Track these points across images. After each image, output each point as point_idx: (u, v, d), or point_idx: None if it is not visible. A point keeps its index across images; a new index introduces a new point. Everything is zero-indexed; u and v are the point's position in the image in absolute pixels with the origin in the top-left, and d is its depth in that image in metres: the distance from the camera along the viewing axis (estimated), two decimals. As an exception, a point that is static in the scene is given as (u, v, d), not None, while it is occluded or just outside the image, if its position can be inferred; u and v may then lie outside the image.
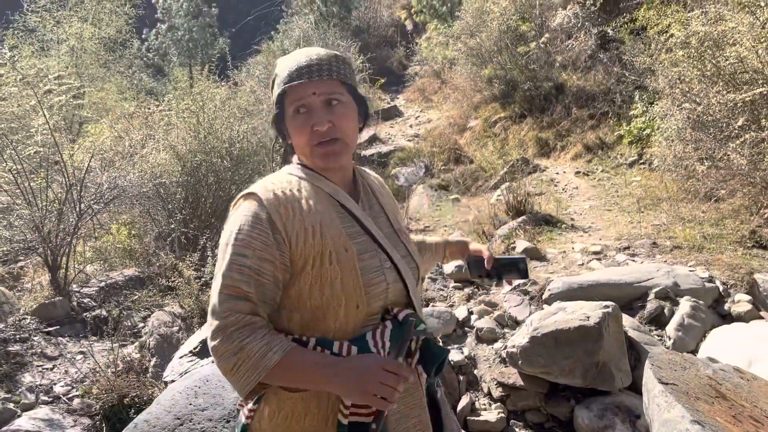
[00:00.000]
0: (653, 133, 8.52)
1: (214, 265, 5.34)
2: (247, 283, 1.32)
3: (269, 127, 1.70)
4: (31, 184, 5.98)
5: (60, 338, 5.05)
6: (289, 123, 1.45)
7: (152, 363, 4.47)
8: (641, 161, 9.60)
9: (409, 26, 24.33)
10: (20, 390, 4.27)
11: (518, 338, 3.92)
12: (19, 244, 5.77)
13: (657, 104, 7.71)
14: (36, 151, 5.78)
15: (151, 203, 6.76)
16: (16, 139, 6.12)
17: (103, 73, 15.87)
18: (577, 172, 10.22)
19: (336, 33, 18.00)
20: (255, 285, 1.33)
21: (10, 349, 4.68)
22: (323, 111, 1.40)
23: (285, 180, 1.47)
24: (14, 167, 6.01)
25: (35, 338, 4.94)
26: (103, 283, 6.01)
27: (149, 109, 8.65)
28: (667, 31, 6.46)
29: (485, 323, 4.47)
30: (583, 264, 5.70)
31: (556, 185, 9.80)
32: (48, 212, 5.86)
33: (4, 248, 5.78)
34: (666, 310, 4.33)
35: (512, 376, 3.99)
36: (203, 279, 5.09)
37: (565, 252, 6.24)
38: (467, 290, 5.17)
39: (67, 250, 6.01)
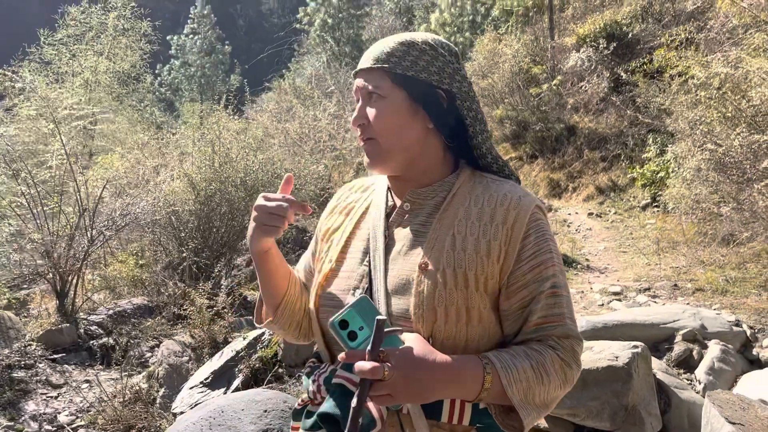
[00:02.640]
0: (668, 176, 8.47)
1: (227, 294, 5.24)
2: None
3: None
4: (44, 209, 5.92)
5: (66, 366, 4.91)
6: None
7: (160, 393, 4.32)
8: (655, 204, 9.53)
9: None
10: (23, 418, 4.12)
11: (543, 377, 3.77)
12: (28, 269, 5.67)
13: (673, 146, 7.68)
14: (51, 176, 5.74)
15: (163, 231, 6.68)
16: (31, 164, 6.08)
17: (115, 106, 16.00)
18: (590, 214, 10.15)
19: (347, 72, 18.21)
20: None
21: (14, 375, 4.54)
22: (364, 105, 1.27)
23: (369, 179, 1.46)
24: (27, 191, 5.96)
25: (40, 365, 4.80)
26: (110, 311, 5.88)
27: (163, 139, 8.65)
28: (686, 73, 6.47)
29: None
30: (603, 304, 5.57)
31: (568, 226, 9.72)
32: (59, 237, 5.78)
33: (14, 273, 5.68)
34: (695, 353, 4.18)
35: (536, 418, 3.82)
36: (215, 308, 4.97)
37: (583, 292, 6.13)
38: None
39: (76, 276, 5.91)
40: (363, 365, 1.00)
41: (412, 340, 1.08)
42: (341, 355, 1.06)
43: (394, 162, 1.25)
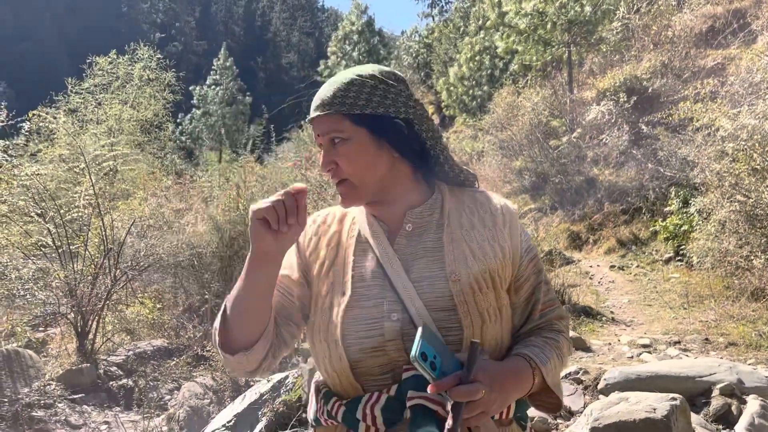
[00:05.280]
0: (691, 229, 8.37)
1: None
2: None
3: None
4: (70, 248, 5.95)
5: (85, 406, 4.83)
6: None
7: (181, 437, 4.22)
8: (678, 258, 9.40)
9: (436, 120, 25.05)
10: (41, 459, 4.03)
11: (577, 429, 3.64)
12: (52, 307, 5.66)
13: (698, 199, 7.62)
14: (79, 215, 5.79)
15: (184, 273, 6.67)
16: (59, 203, 6.15)
17: (137, 153, 16.28)
18: (612, 266, 10.03)
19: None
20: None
21: (34, 414, 4.47)
22: (328, 152, 1.29)
23: (334, 208, 1.43)
24: (54, 231, 6.00)
25: (59, 405, 4.72)
26: (130, 352, 5.81)
27: (186, 184, 8.75)
28: (711, 126, 6.47)
29: (536, 412, 4.19)
30: (632, 357, 5.43)
31: (591, 278, 9.58)
32: (83, 276, 5.78)
33: (36, 312, 5.67)
34: (733, 408, 4.03)
35: (569, 472, 3.67)
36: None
37: (610, 344, 5.98)
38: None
39: (97, 316, 5.88)
40: (463, 389, 1.05)
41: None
42: (430, 387, 1.06)
43: (364, 196, 1.31)
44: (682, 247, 9.14)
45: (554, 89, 13.91)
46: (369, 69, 1.31)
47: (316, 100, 1.29)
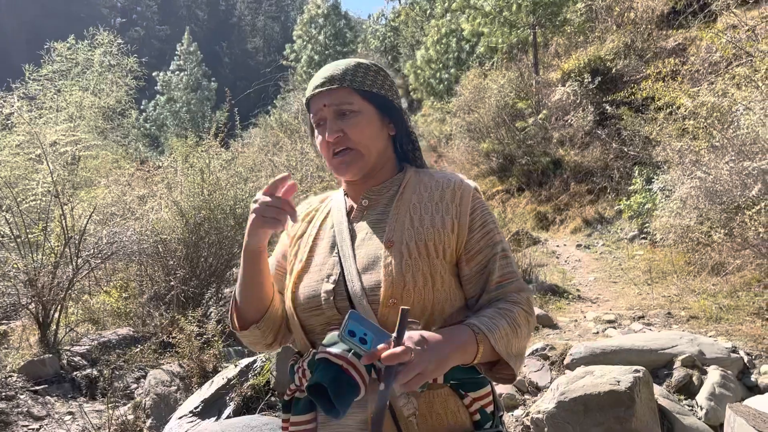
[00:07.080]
0: (654, 207, 8.53)
1: (216, 322, 5.11)
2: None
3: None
4: (29, 237, 5.78)
5: (48, 397, 4.72)
6: (316, 140, 1.47)
7: (147, 424, 4.16)
8: (642, 236, 9.57)
9: (404, 104, 24.97)
10: (2, 451, 3.93)
11: (543, 403, 3.69)
12: (11, 298, 5.50)
13: (660, 176, 7.76)
14: (37, 203, 5.62)
15: (149, 260, 6.55)
16: (16, 191, 5.97)
17: (100, 141, 15.88)
18: (578, 245, 10.18)
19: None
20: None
21: (-6, 407, 4.36)
22: (334, 122, 1.41)
23: (322, 194, 1.62)
24: (12, 219, 5.83)
25: (21, 397, 4.61)
26: (95, 342, 5.70)
27: (149, 170, 8.58)
28: (673, 104, 6.57)
29: (503, 389, 4.23)
30: (598, 332, 5.53)
31: (557, 257, 9.72)
32: (43, 266, 5.63)
33: (-5, 302, 5.52)
34: (695, 379, 4.13)
35: (537, 446, 3.72)
36: (205, 336, 4.83)
37: (576, 321, 6.08)
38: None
39: (59, 306, 5.74)
40: (393, 350, 1.09)
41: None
42: (363, 359, 1.14)
43: (367, 166, 1.43)
44: (646, 224, 9.31)
45: (520, 71, 13.98)
46: (365, 60, 1.49)
47: (322, 76, 1.43)
